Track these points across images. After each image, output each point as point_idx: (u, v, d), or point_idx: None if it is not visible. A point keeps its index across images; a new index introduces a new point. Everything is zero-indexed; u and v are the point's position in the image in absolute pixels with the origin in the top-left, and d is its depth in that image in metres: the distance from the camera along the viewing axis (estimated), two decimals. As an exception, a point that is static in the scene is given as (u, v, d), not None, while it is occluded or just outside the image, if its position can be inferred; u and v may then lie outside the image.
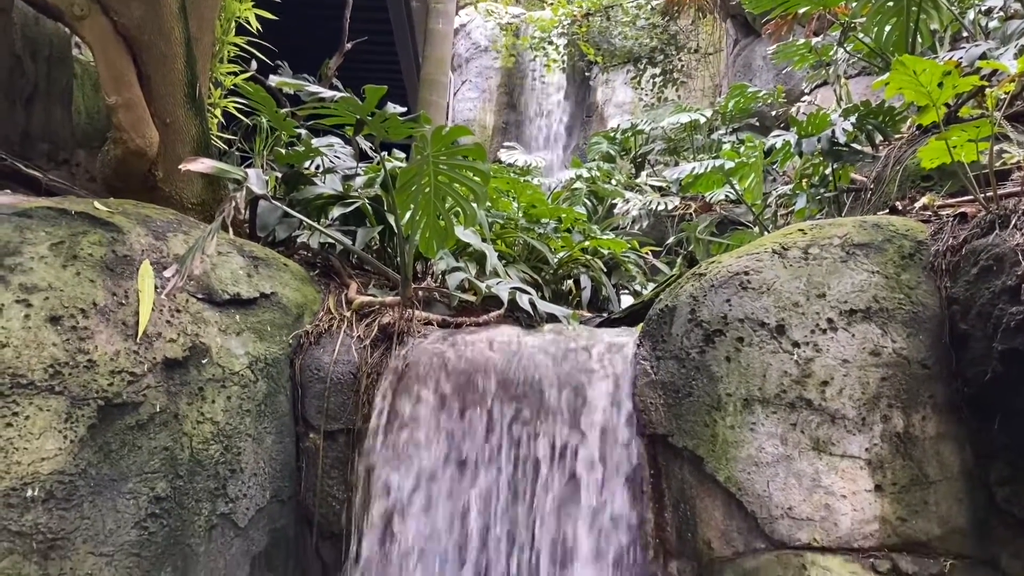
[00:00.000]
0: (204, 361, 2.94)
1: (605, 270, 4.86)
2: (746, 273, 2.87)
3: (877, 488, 2.59)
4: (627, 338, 3.17)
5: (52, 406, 2.57)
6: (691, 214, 7.13)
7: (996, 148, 2.86)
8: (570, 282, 4.73)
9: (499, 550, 2.93)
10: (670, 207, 6.99)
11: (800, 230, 2.99)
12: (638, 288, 5.05)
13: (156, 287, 2.90)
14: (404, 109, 3.43)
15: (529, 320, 3.70)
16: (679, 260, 6.09)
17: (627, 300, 4.82)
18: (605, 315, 4.23)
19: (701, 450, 2.77)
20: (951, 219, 2.89)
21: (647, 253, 5.64)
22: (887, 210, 3.52)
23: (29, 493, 2.50)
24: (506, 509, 2.97)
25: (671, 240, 6.54)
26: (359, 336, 3.41)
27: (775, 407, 2.70)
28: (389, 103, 3.48)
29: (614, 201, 7.38)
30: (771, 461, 2.67)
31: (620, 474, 2.90)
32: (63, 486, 2.55)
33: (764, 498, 2.65)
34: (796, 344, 2.73)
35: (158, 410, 2.77)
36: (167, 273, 2.88)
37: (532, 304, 3.48)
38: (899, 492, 2.58)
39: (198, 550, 2.78)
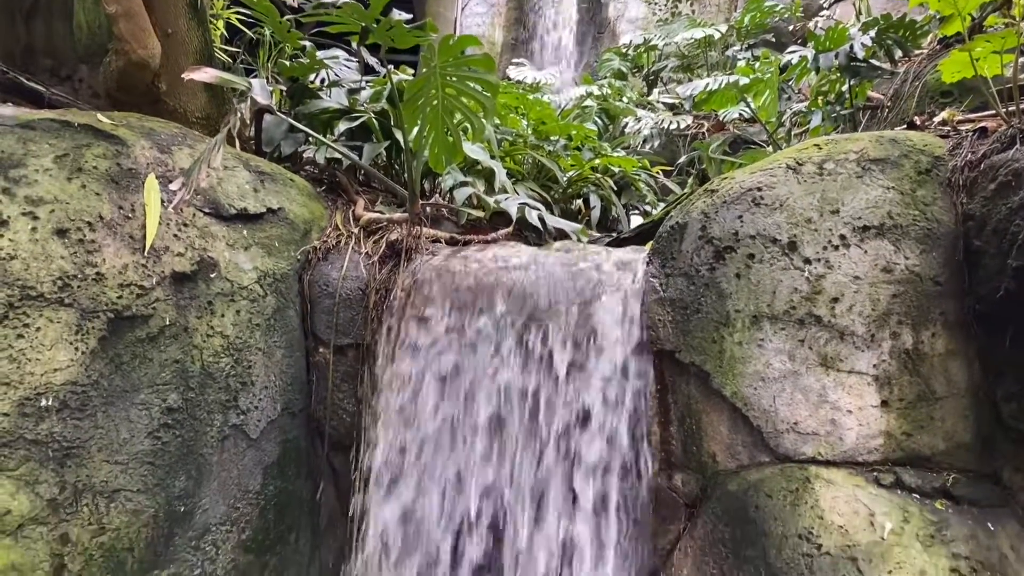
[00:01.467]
0: (212, 275, 2.94)
1: (615, 189, 4.80)
2: (759, 189, 2.82)
3: (883, 404, 2.60)
4: (636, 255, 3.15)
5: (62, 318, 2.58)
6: (704, 133, 7.00)
7: (1021, 60, 2.77)
8: (579, 201, 4.68)
9: (506, 462, 2.97)
10: (682, 126, 6.86)
11: (815, 145, 2.93)
12: (648, 208, 5.00)
13: (162, 201, 2.88)
14: (410, 16, 3.33)
15: (538, 238, 3.68)
16: (690, 180, 6.02)
17: (637, 220, 4.77)
18: (614, 235, 4.20)
19: (708, 366, 2.77)
20: (970, 134, 2.82)
21: (658, 173, 5.56)
22: (904, 126, 3.45)
23: (43, 403, 2.53)
24: (513, 423, 3.00)
25: (683, 159, 6.45)
26: (367, 253, 3.40)
27: (784, 324, 2.69)
28: (395, 10, 3.38)
29: (625, 119, 7.25)
30: (778, 377, 2.67)
31: (627, 390, 2.92)
32: (76, 396, 2.58)
33: (770, 413, 2.67)
34: (807, 261, 2.70)
35: (168, 323, 2.78)
36: (173, 186, 2.85)
37: (541, 220, 3.45)
38: (905, 408, 2.59)
39: (211, 460, 2.83)
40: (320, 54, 4.34)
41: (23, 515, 2.49)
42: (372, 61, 4.78)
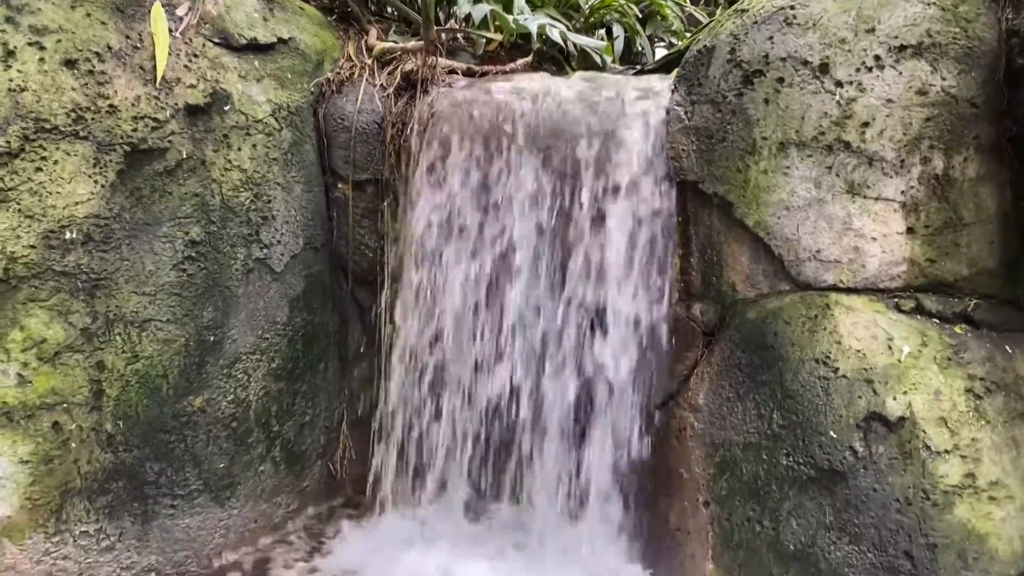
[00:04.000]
0: (226, 108, 2.89)
1: (640, 18, 4.58)
2: (792, 7, 2.67)
3: (909, 230, 2.56)
4: (661, 83, 3.04)
5: (79, 151, 2.56)
6: (734, -40, 6.60)
7: None
8: (602, 31, 4.48)
9: (527, 293, 3.00)
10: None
11: (854, -41, 2.74)
12: (674, 40, 4.79)
13: (170, 30, 2.79)
14: None
15: (558, 69, 3.56)
16: (720, 10, 5.73)
17: (662, 53, 4.59)
18: (638, 67, 4.05)
19: (732, 195, 2.73)
20: (1023, -57, 2.63)
21: (686, 1, 5.29)
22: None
23: (68, 235, 2.56)
24: (535, 256, 3.00)
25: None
26: (382, 85, 3.31)
27: (811, 150, 2.62)
28: None
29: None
30: (802, 205, 2.63)
31: (648, 222, 2.89)
32: (100, 229, 2.60)
33: (792, 241, 2.65)
34: (839, 83, 2.60)
35: (184, 156, 2.76)
36: (179, 11, 2.75)
37: (563, 37, 3.30)
38: (931, 234, 2.55)
39: (237, 292, 2.88)
40: None
41: (59, 343, 2.57)
42: None
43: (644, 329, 2.88)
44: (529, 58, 3.44)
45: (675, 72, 2.99)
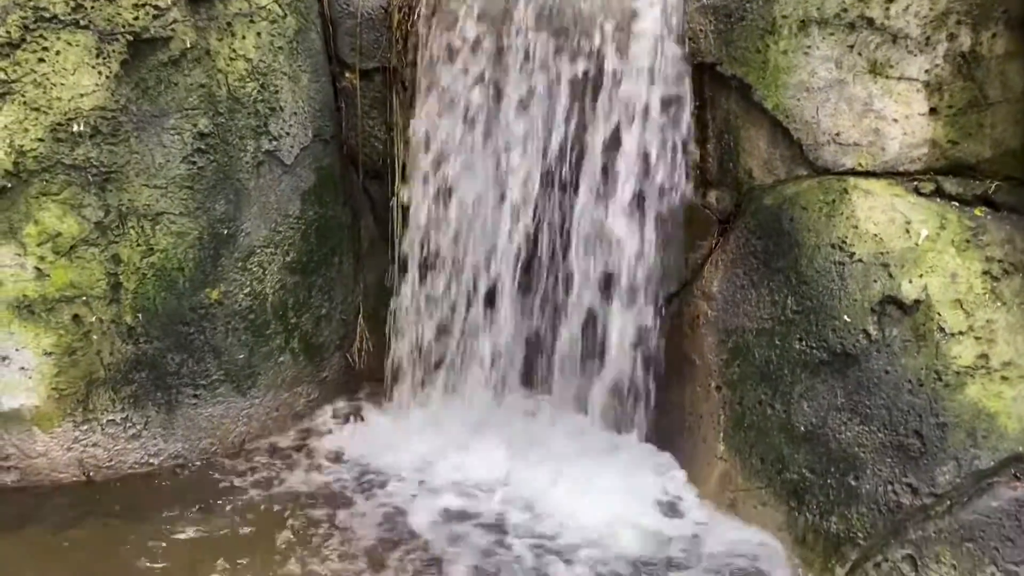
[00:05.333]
0: (228, -6, 2.80)
1: None
2: None
3: (932, 111, 2.50)
4: (677, -39, 2.91)
5: (81, 41, 2.51)
6: None
7: None
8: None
9: (539, 185, 2.97)
10: None
11: None
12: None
13: (166, -89, 2.68)
14: None
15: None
16: None
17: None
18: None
19: (750, 77, 2.66)
20: None
21: None
22: None
23: (75, 128, 2.53)
24: (546, 145, 2.95)
25: None
26: (388, -33, 3.19)
27: (833, 28, 2.53)
28: None
29: None
30: (823, 86, 2.56)
31: (664, 106, 2.82)
32: (107, 122, 2.57)
33: (812, 124, 2.59)
34: (864, -44, 2.48)
35: (189, 46, 2.69)
36: None
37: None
38: (954, 115, 2.48)
39: (248, 185, 2.86)
40: None
41: (74, 237, 2.58)
42: None
43: (658, 217, 2.85)
44: (540, -63, 3.29)
45: (693, -52, 2.87)
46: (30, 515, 2.57)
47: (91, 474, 2.74)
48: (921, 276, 2.38)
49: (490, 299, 3.07)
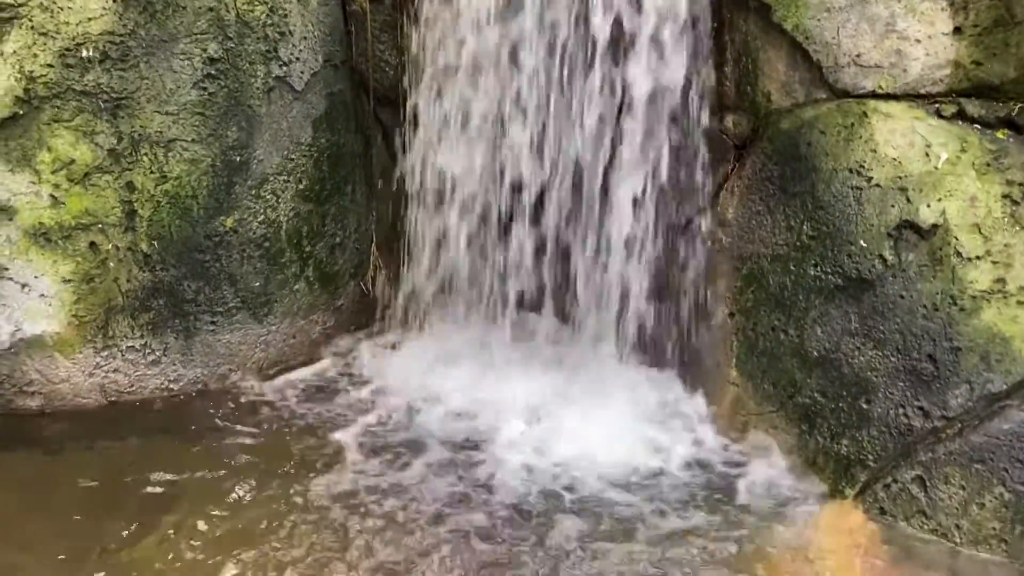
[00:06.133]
0: (234, -87, 2.73)
1: None
2: None
3: (956, 31, 2.43)
4: None
5: (86, -37, 2.47)
6: None
7: None
8: None
9: (550, 112, 2.92)
10: None
11: None
12: None
13: None
14: None
15: None
16: None
17: None
18: None
19: (770, -3, 2.60)
20: None
21: None
22: None
23: (84, 53, 2.51)
24: (559, 75, 2.90)
25: None
26: None
27: (857, -56, 2.45)
28: None
29: None
30: (844, 6, 2.49)
31: (681, 30, 2.76)
32: (116, 47, 2.54)
33: (832, 46, 2.53)
34: None
35: (195, -32, 2.64)
36: None
37: None
38: (979, 34, 2.41)
39: (259, 111, 2.84)
40: None
41: (87, 164, 2.58)
42: None
43: (673, 143, 2.82)
44: None
45: None
46: (55, 438, 2.63)
47: (113, 399, 2.80)
48: (939, 200, 2.35)
49: (504, 225, 3.06)
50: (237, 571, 2.12)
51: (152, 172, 2.67)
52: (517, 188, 3.02)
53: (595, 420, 2.80)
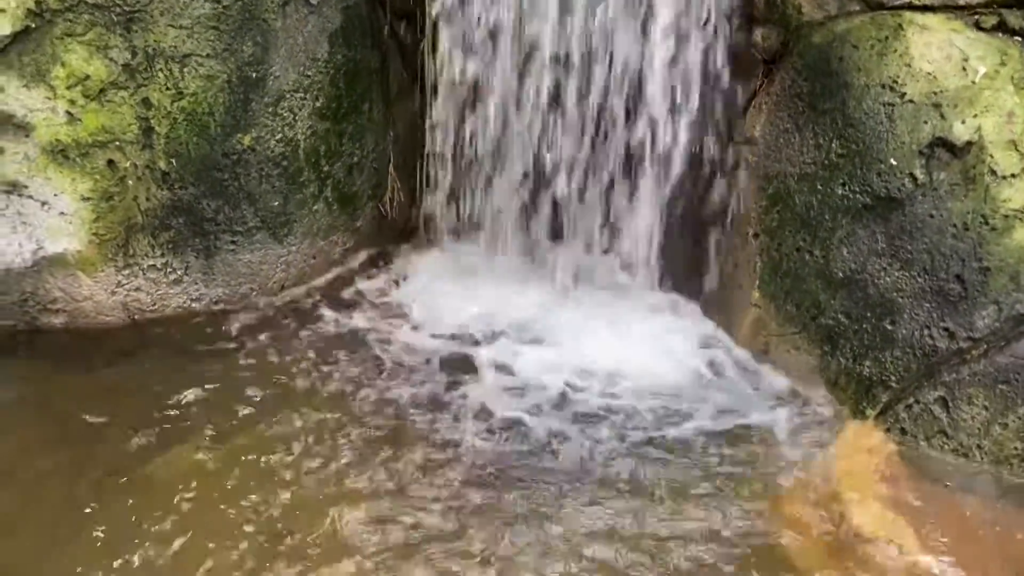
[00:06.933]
0: None
1: None
2: None
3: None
4: None
5: None
6: None
7: None
8: None
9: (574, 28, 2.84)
10: None
11: None
12: None
13: None
14: None
15: None
16: None
17: None
18: None
19: (804, -98, 2.48)
20: None
21: None
22: None
23: (95, -36, 2.44)
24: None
25: None
26: None
27: None
28: None
29: None
30: (883, -89, 2.39)
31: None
32: (127, -44, 2.47)
33: (868, -46, 2.43)
34: None
35: None
36: None
37: None
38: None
39: (275, 26, 2.77)
40: None
41: (102, 80, 2.54)
42: None
43: (700, 58, 2.74)
44: None
45: None
46: (79, 355, 2.65)
47: (136, 317, 2.81)
48: (975, 116, 2.28)
49: (528, 144, 3.01)
50: (258, 483, 2.16)
51: (168, 88, 2.62)
52: (545, 101, 2.95)
53: (618, 340, 2.80)
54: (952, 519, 2.17)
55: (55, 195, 2.59)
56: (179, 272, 2.82)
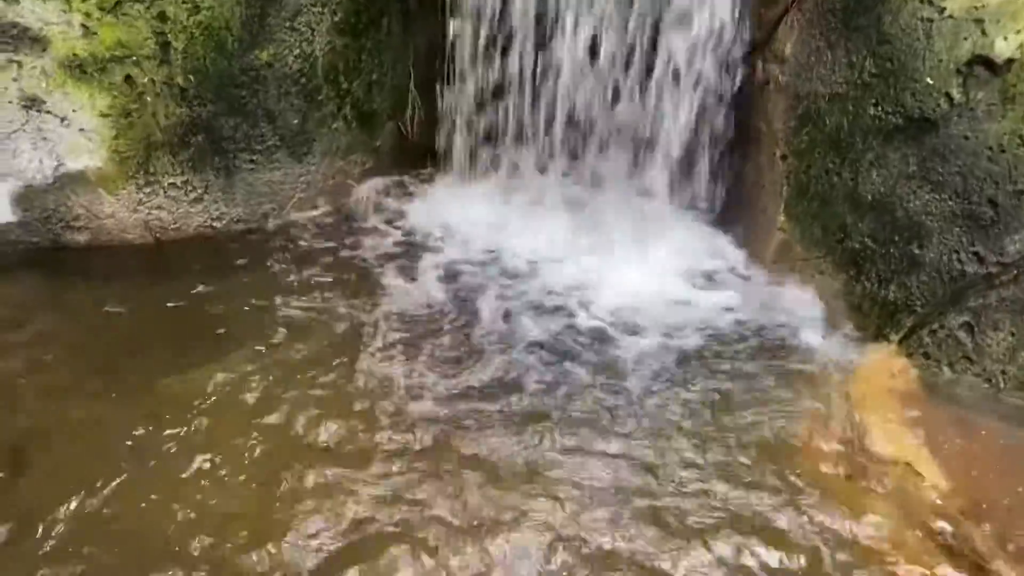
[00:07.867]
0: None
1: None
2: None
3: None
4: None
5: None
6: None
7: None
8: None
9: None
10: None
11: None
12: None
13: None
14: None
15: None
16: None
17: None
18: None
19: None
20: None
21: None
22: None
23: None
24: None
25: None
26: None
27: None
28: None
29: None
30: None
31: None
32: None
33: None
34: None
35: None
36: None
37: None
38: None
39: (292, -64, 2.69)
40: None
41: (117, -8, 2.49)
42: None
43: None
44: None
45: None
46: (103, 272, 2.66)
47: (158, 236, 2.82)
48: (1019, 32, 2.18)
49: (544, 66, 2.94)
50: (279, 395, 2.19)
51: (184, 2, 2.56)
52: (563, 29, 2.87)
53: (644, 262, 2.78)
54: (970, 444, 2.16)
55: (74, 111, 2.56)
56: (199, 191, 2.81)
